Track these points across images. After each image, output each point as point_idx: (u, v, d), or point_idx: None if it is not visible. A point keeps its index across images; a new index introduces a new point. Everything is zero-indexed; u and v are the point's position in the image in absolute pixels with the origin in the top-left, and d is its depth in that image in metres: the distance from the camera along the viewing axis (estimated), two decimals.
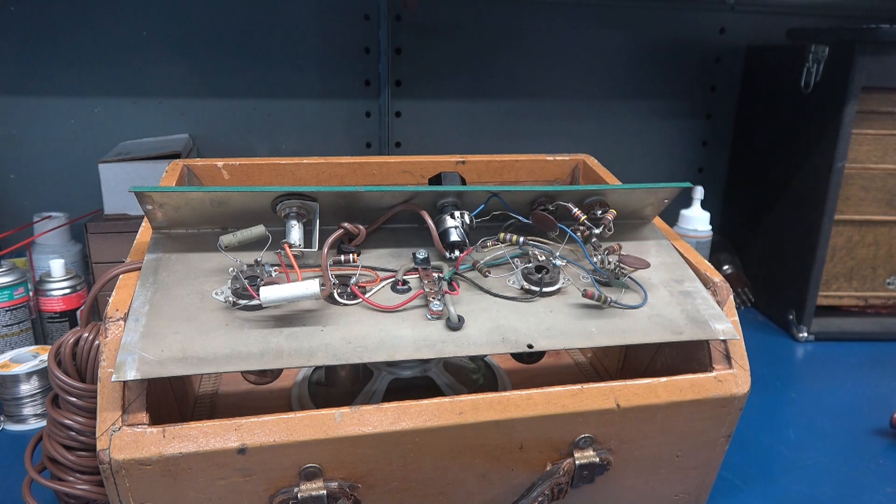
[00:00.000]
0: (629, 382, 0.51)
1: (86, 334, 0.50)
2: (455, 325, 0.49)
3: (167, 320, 0.47)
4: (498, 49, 1.15)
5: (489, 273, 0.55)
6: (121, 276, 0.51)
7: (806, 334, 1.02)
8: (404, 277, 0.54)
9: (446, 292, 0.52)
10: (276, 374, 0.58)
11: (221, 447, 0.43)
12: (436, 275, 0.54)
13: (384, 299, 0.52)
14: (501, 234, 0.58)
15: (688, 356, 0.57)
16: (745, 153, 1.21)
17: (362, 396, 0.62)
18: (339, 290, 0.51)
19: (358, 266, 0.54)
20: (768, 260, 1.11)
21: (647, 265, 0.55)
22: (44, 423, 0.68)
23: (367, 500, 0.49)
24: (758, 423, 0.79)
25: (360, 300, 0.51)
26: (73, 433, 0.51)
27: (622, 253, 0.57)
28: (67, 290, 0.84)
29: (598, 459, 0.51)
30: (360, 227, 0.56)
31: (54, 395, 0.52)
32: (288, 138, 1.13)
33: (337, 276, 0.53)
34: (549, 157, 0.78)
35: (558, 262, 0.56)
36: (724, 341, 0.54)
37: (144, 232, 0.57)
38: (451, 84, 1.16)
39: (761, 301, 1.13)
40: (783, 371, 0.93)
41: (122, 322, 0.46)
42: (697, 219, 1.01)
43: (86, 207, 1.00)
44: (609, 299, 0.53)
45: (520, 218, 0.59)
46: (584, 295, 0.53)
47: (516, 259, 0.57)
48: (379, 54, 1.11)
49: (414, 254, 0.56)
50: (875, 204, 0.99)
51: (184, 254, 0.54)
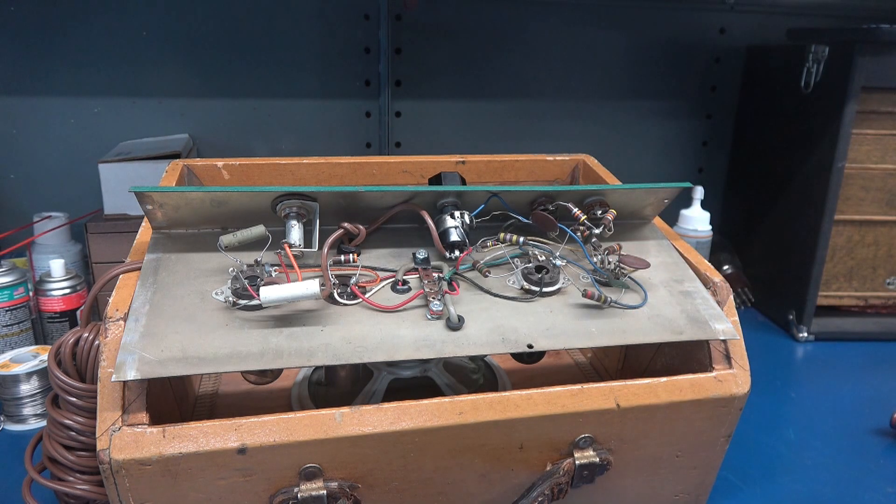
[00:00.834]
0: (629, 382, 0.51)
1: (86, 334, 0.50)
2: (455, 325, 0.49)
3: (167, 320, 0.47)
4: (498, 49, 1.15)
5: (489, 273, 0.55)
6: (121, 276, 0.51)
7: (806, 334, 1.02)
8: (404, 277, 0.54)
9: (446, 292, 0.52)
10: (276, 374, 0.58)
11: (221, 447, 0.43)
12: (436, 275, 0.54)
13: (384, 299, 0.52)
14: (501, 234, 0.58)
15: (688, 356, 0.57)
16: (745, 153, 1.21)
17: (362, 396, 0.62)
18: (339, 290, 0.51)
19: (358, 266, 0.54)
20: (768, 260, 1.11)
21: (647, 265, 0.55)
22: (44, 423, 0.68)
23: (367, 500, 0.49)
24: (758, 423, 0.79)
25: (360, 300, 0.51)
26: (73, 433, 0.51)
27: (622, 253, 0.57)
28: (67, 290, 0.84)
29: (598, 459, 0.51)
30: (360, 227, 0.56)
31: (54, 395, 0.52)
32: (288, 138, 1.13)
33: (337, 276, 0.53)
34: (549, 157, 0.78)
35: (558, 262, 0.56)
36: (724, 341, 0.54)
37: (144, 232, 0.57)
38: (451, 84, 1.16)
39: (761, 301, 1.13)
40: (783, 371, 0.93)
41: (122, 322, 0.46)
42: (697, 219, 1.01)
43: (86, 207, 1.00)
44: (609, 299, 0.53)
45: (520, 218, 0.59)
46: (584, 295, 0.53)
47: (516, 259, 0.57)
48: (379, 54, 1.11)
49: (414, 254, 0.56)
50: (875, 204, 0.99)
51: (184, 254, 0.54)
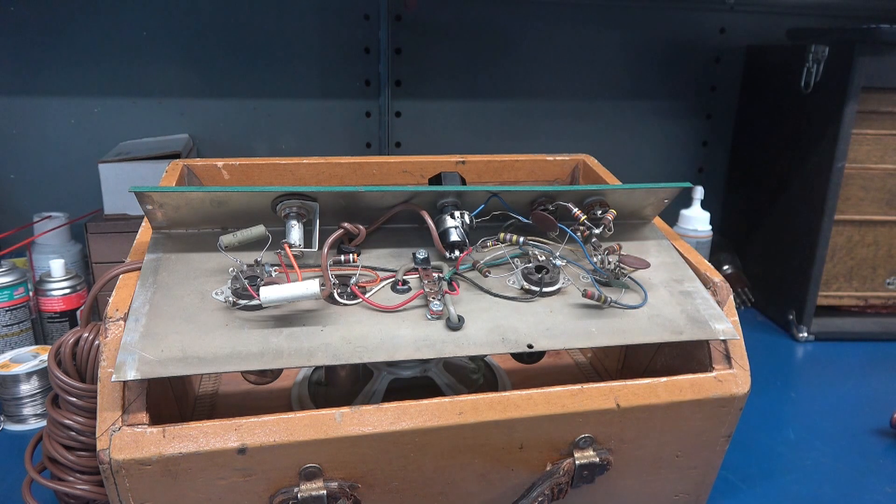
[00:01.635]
0: (629, 382, 0.51)
1: (86, 334, 0.50)
2: (455, 325, 0.49)
3: (167, 320, 0.47)
4: (498, 49, 1.15)
5: (489, 273, 0.55)
6: (121, 276, 0.51)
7: (806, 334, 1.02)
8: (404, 277, 0.54)
9: (446, 292, 0.52)
10: (276, 374, 0.58)
11: (221, 447, 0.43)
12: (436, 275, 0.54)
13: (384, 299, 0.52)
14: (501, 234, 0.58)
15: (688, 356, 0.57)
16: (745, 153, 1.21)
17: (362, 396, 0.62)
18: (339, 290, 0.51)
19: (358, 266, 0.54)
20: (768, 260, 1.11)
21: (647, 265, 0.55)
22: (44, 423, 0.68)
23: (367, 500, 0.49)
24: (758, 423, 0.79)
25: (360, 300, 0.51)
26: (73, 433, 0.51)
27: (622, 253, 0.57)
28: (67, 290, 0.84)
29: (598, 459, 0.51)
30: (360, 227, 0.56)
31: (54, 395, 0.52)
32: (288, 138, 1.13)
33: (337, 276, 0.53)
34: (549, 157, 0.78)
35: (558, 262, 0.56)
36: (724, 341, 0.54)
37: (144, 232, 0.57)
38: (451, 84, 1.16)
39: (761, 301, 1.13)
40: (783, 371, 0.93)
41: (122, 322, 0.46)
42: (697, 219, 1.01)
43: (86, 207, 1.00)
44: (609, 299, 0.53)
45: (520, 218, 0.59)
46: (584, 295, 0.53)
47: (516, 259, 0.57)
48: (379, 54, 1.11)
49: (414, 254, 0.56)
50: (875, 204, 0.99)
51: (184, 254, 0.54)
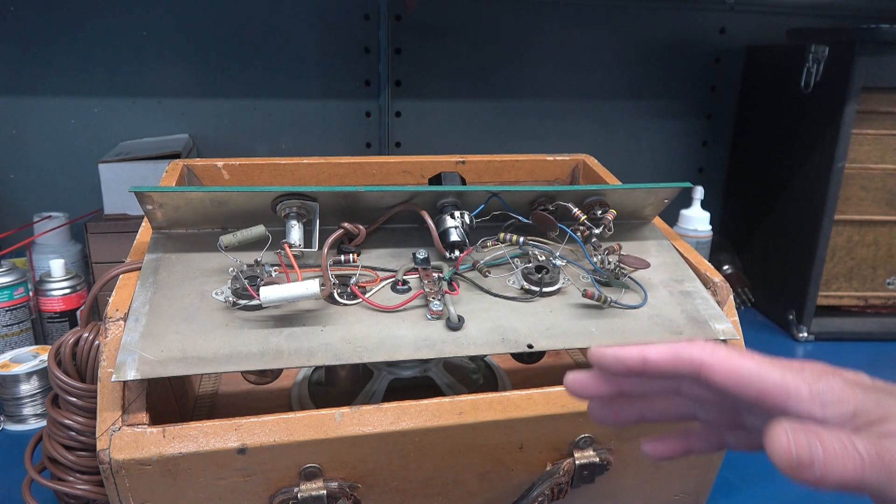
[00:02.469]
0: None
1: (86, 334, 0.50)
2: (455, 325, 0.49)
3: (167, 320, 0.47)
4: (498, 49, 1.15)
5: (489, 273, 0.55)
6: (121, 276, 0.51)
7: (806, 334, 1.02)
8: (404, 277, 0.54)
9: (446, 292, 0.52)
10: (276, 374, 0.58)
11: (221, 447, 0.43)
12: (436, 275, 0.54)
13: (384, 299, 0.52)
14: (501, 234, 0.58)
15: None
16: (745, 153, 1.21)
17: (362, 396, 0.62)
18: (339, 290, 0.51)
19: (358, 266, 0.54)
20: (768, 260, 1.11)
21: (647, 265, 0.55)
22: (44, 423, 0.68)
23: (367, 500, 0.49)
24: None
25: (360, 300, 0.51)
26: (73, 433, 0.51)
27: (622, 253, 0.57)
28: (67, 290, 0.84)
29: (598, 459, 0.51)
30: (360, 227, 0.56)
31: (54, 395, 0.52)
32: (288, 138, 1.13)
33: (337, 276, 0.53)
34: (549, 157, 0.78)
35: (558, 262, 0.56)
36: (725, 341, 0.54)
37: (144, 232, 0.57)
38: (451, 84, 1.16)
39: (761, 301, 1.13)
40: None
41: (122, 322, 0.46)
42: (697, 219, 1.01)
43: (86, 207, 1.00)
44: (609, 299, 0.53)
45: (520, 218, 0.59)
46: (584, 295, 0.53)
47: (516, 259, 0.57)
48: (379, 54, 1.11)
49: (414, 254, 0.56)
50: (875, 204, 0.99)
51: (184, 254, 0.54)
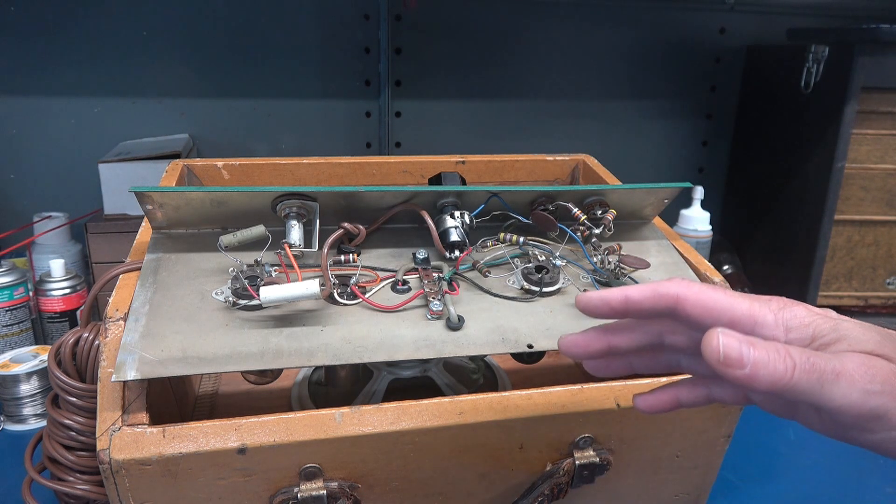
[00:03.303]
0: (629, 382, 0.51)
1: (86, 334, 0.50)
2: (455, 325, 0.49)
3: (167, 320, 0.47)
4: (498, 49, 1.15)
5: (489, 273, 0.55)
6: (121, 276, 0.51)
7: None
8: (404, 277, 0.54)
9: (446, 292, 0.52)
10: (276, 374, 0.58)
11: (221, 447, 0.43)
12: (436, 275, 0.54)
13: (384, 299, 0.52)
14: (501, 234, 0.58)
15: None
16: (745, 153, 1.21)
17: (362, 396, 0.62)
18: (339, 290, 0.51)
19: (358, 266, 0.54)
20: (768, 260, 1.11)
21: (647, 265, 0.55)
22: (44, 423, 0.68)
23: (367, 500, 0.49)
24: (758, 423, 0.79)
25: (360, 300, 0.51)
26: (73, 433, 0.51)
27: (622, 253, 0.57)
28: (67, 290, 0.84)
29: (598, 459, 0.51)
30: (360, 227, 0.56)
31: (54, 395, 0.52)
32: (288, 138, 1.13)
33: (337, 276, 0.53)
34: (549, 157, 0.78)
35: (558, 262, 0.56)
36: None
37: (144, 232, 0.57)
38: (451, 84, 1.16)
39: None
40: None
41: (122, 322, 0.46)
42: (697, 219, 1.01)
43: (86, 207, 1.00)
44: None
45: (520, 218, 0.59)
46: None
47: (516, 259, 0.57)
48: (379, 54, 1.11)
49: (414, 254, 0.56)
50: (875, 204, 0.99)
51: (184, 254, 0.54)
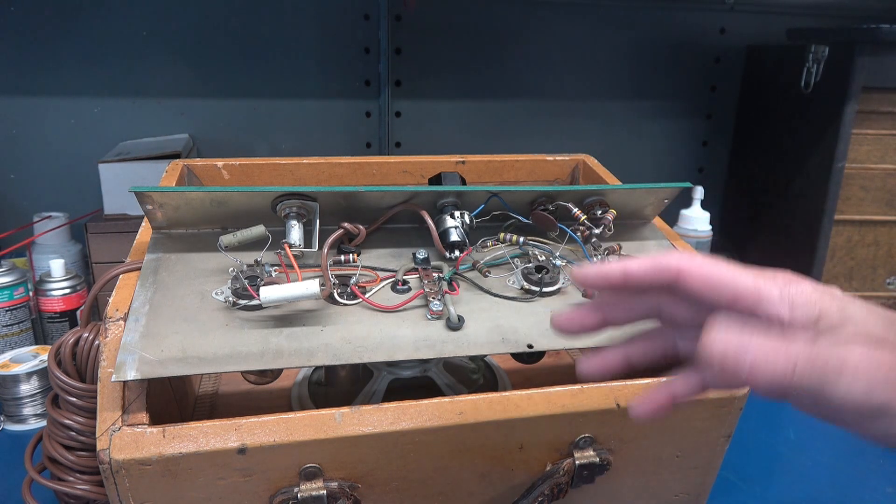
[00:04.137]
0: (629, 382, 0.51)
1: (86, 334, 0.50)
2: (455, 325, 0.49)
3: (167, 320, 0.47)
4: (498, 49, 1.15)
5: (489, 273, 0.55)
6: (121, 276, 0.51)
7: None
8: (404, 277, 0.54)
9: (446, 292, 0.52)
10: (276, 374, 0.58)
11: (221, 447, 0.43)
12: (436, 275, 0.54)
13: (384, 299, 0.52)
14: (501, 234, 0.58)
15: None
16: (745, 153, 1.21)
17: (362, 396, 0.62)
18: (339, 290, 0.51)
19: (358, 266, 0.54)
20: (768, 260, 1.11)
21: None
22: (44, 423, 0.68)
23: (367, 500, 0.49)
24: (758, 423, 0.79)
25: (360, 300, 0.51)
26: (73, 433, 0.51)
27: (622, 253, 0.57)
28: (67, 290, 0.84)
29: (598, 459, 0.51)
30: (360, 227, 0.56)
31: (54, 395, 0.52)
32: (288, 138, 1.13)
33: (337, 276, 0.53)
34: (549, 157, 0.78)
35: (558, 262, 0.56)
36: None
37: (144, 232, 0.57)
38: (451, 84, 1.16)
39: None
40: None
41: (122, 322, 0.46)
42: (697, 219, 1.01)
43: (86, 207, 1.00)
44: None
45: (520, 218, 0.59)
46: (584, 295, 0.53)
47: (516, 259, 0.57)
48: (379, 54, 1.11)
49: (414, 254, 0.56)
50: (875, 204, 0.99)
51: (184, 254, 0.54)
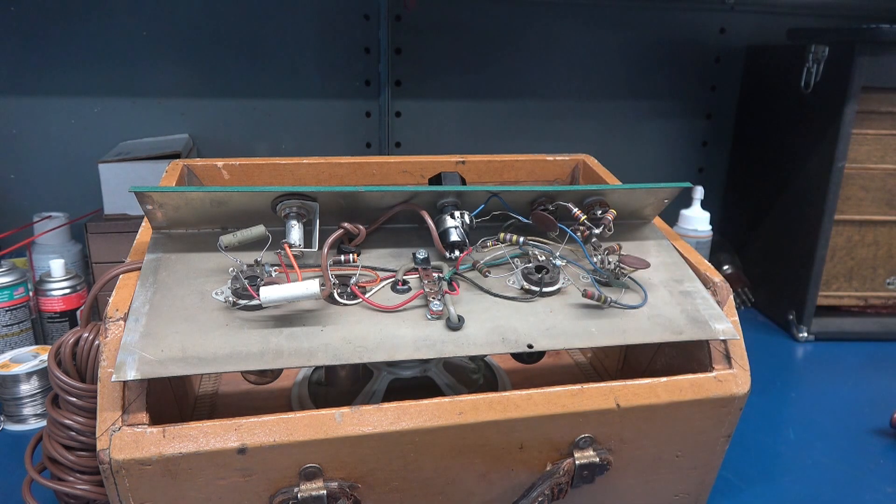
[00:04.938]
0: (629, 382, 0.51)
1: (86, 334, 0.50)
2: (455, 325, 0.49)
3: (167, 320, 0.47)
4: (498, 49, 1.15)
5: (489, 273, 0.55)
6: (121, 276, 0.51)
7: (806, 334, 1.02)
8: (404, 277, 0.54)
9: (446, 292, 0.52)
10: (276, 374, 0.58)
11: (221, 447, 0.43)
12: (436, 275, 0.54)
13: (384, 299, 0.52)
14: (501, 234, 0.58)
15: (688, 356, 0.57)
16: (745, 153, 1.21)
17: (362, 396, 0.62)
18: (339, 290, 0.51)
19: (358, 266, 0.54)
20: (768, 260, 1.11)
21: (647, 265, 0.55)
22: (44, 423, 0.68)
23: (367, 500, 0.49)
24: (758, 423, 0.79)
25: (360, 300, 0.51)
26: (73, 433, 0.51)
27: (622, 253, 0.57)
28: (67, 290, 0.84)
29: (598, 459, 0.51)
30: (360, 227, 0.56)
31: (54, 395, 0.52)
32: (288, 138, 1.13)
33: (337, 276, 0.53)
34: (549, 157, 0.78)
35: (558, 262, 0.56)
36: (724, 341, 0.54)
37: (144, 232, 0.57)
38: (451, 84, 1.16)
39: (761, 301, 1.13)
40: (783, 371, 0.93)
41: (122, 322, 0.46)
42: (697, 219, 1.01)
43: (86, 207, 1.00)
44: (609, 299, 0.53)
45: (520, 218, 0.59)
46: (584, 295, 0.53)
47: (516, 259, 0.57)
48: (379, 54, 1.11)
49: (414, 254, 0.56)
50: (875, 204, 0.99)
51: (184, 254, 0.54)
